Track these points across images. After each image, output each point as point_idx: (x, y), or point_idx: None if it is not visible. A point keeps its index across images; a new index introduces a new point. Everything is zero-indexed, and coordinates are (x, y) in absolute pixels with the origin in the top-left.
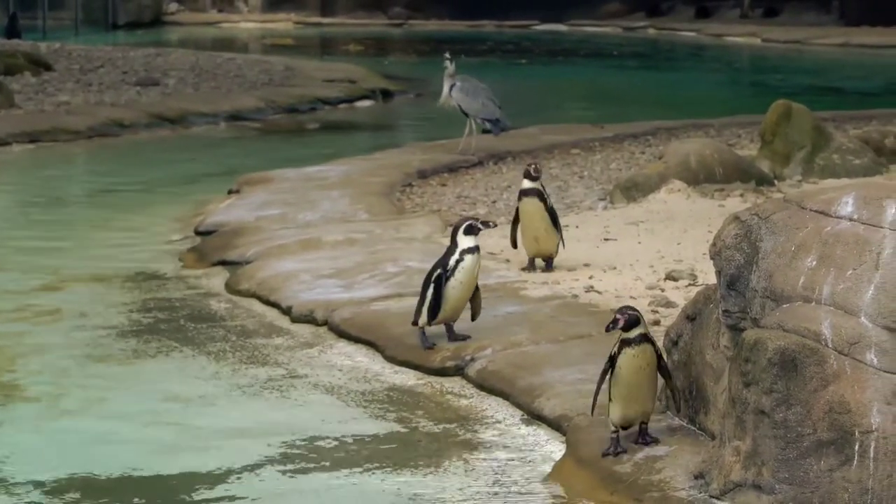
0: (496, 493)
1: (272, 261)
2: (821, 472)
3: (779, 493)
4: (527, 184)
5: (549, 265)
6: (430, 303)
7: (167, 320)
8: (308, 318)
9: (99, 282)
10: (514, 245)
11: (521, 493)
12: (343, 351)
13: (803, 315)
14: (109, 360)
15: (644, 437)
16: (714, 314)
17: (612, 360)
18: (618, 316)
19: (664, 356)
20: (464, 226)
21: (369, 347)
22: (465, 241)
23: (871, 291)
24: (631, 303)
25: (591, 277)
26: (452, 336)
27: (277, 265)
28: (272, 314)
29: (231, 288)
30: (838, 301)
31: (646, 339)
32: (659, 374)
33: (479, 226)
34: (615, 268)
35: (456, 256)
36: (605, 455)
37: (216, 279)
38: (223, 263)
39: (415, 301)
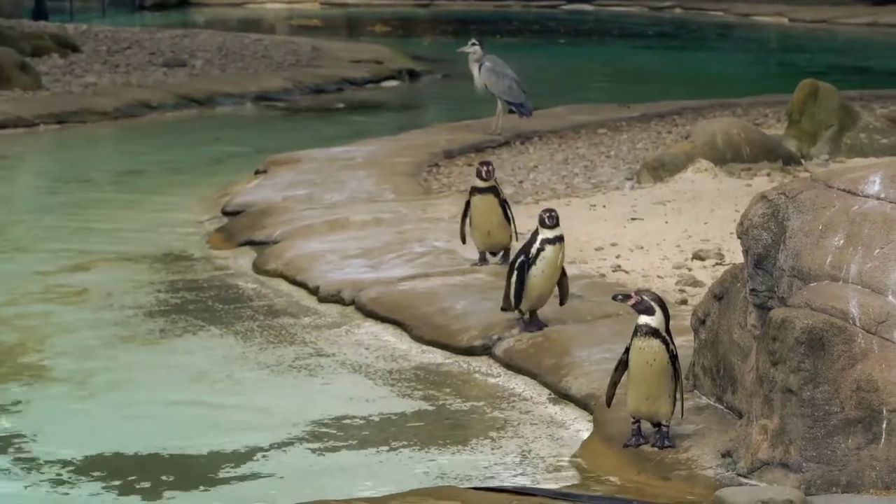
0: (523, 472)
1: (299, 241)
2: (848, 450)
3: (806, 471)
4: (480, 183)
5: (504, 258)
6: (515, 289)
7: (194, 300)
8: (335, 298)
9: (126, 262)
10: (464, 240)
11: (548, 472)
12: (370, 330)
13: (831, 294)
14: (137, 340)
15: (661, 441)
16: (741, 293)
17: (627, 351)
18: (633, 293)
19: (678, 358)
20: (540, 217)
21: (396, 327)
22: (545, 232)
23: None
24: (658, 282)
25: (618, 257)
26: (535, 322)
27: (304, 245)
28: (299, 294)
29: (258, 268)
30: (865, 280)
31: (656, 334)
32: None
33: (547, 220)
34: (642, 247)
35: (537, 245)
36: (626, 446)
37: (243, 259)
38: (250, 244)
39: (441, 280)
